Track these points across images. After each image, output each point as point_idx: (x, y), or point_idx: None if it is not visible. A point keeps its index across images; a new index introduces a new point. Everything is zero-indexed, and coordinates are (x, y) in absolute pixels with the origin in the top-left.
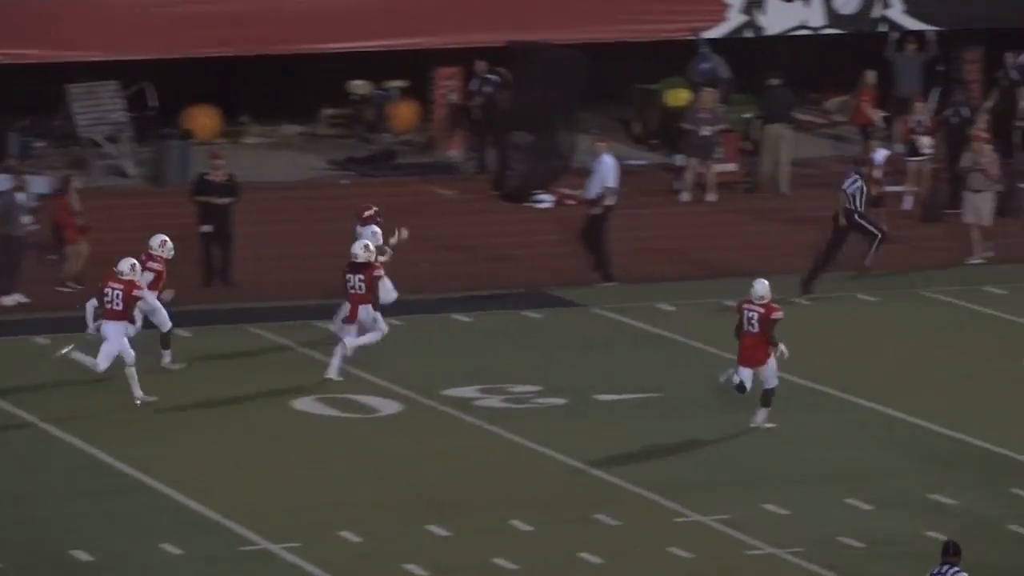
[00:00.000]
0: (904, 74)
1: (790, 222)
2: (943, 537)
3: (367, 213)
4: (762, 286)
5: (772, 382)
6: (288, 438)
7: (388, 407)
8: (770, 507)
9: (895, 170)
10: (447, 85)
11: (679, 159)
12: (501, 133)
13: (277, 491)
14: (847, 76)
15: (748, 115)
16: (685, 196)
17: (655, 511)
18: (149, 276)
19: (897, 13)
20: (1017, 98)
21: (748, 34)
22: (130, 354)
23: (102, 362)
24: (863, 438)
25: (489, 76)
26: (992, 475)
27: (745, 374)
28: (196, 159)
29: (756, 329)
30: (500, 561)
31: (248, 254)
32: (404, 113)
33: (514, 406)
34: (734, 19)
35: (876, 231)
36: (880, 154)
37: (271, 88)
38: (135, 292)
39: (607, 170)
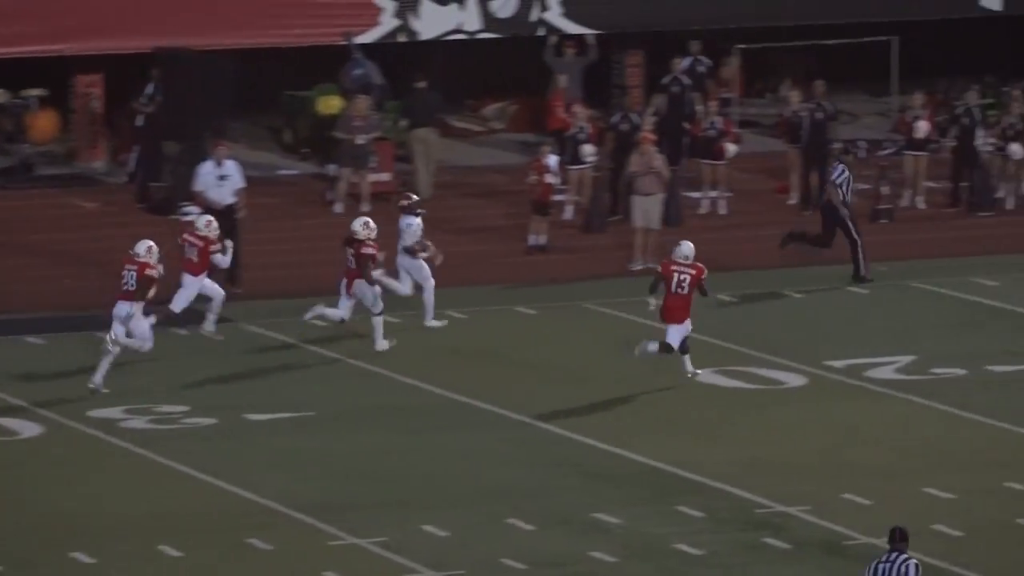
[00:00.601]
0: (563, 79)
1: (450, 232)
2: (608, 558)
3: (406, 202)
4: (688, 247)
5: (685, 333)
6: None
7: (29, 429)
8: (430, 528)
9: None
10: (89, 93)
11: (332, 169)
12: (149, 143)
13: None
14: (506, 82)
15: (404, 123)
16: (339, 207)
17: (310, 534)
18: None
19: (555, 16)
20: (686, 104)
21: (402, 39)
22: (148, 341)
23: (146, 342)
24: (525, 456)
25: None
26: (656, 492)
27: (672, 333)
28: None
29: (686, 291)
30: None
31: None
32: (43, 123)
33: (162, 427)
34: (387, 23)
35: (855, 236)
36: (552, 160)
37: None
38: (147, 272)
39: (236, 174)
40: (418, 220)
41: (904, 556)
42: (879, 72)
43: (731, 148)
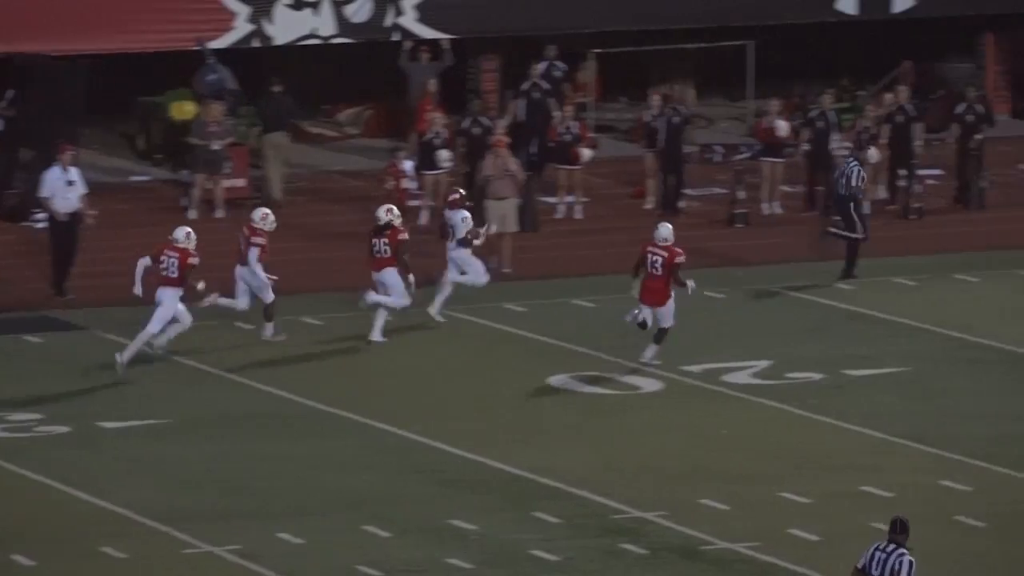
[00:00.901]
0: (418, 84)
1: (304, 238)
2: (465, 564)
3: (454, 197)
4: (666, 229)
5: (669, 321)
6: None
7: None
8: (285, 536)
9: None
10: None
11: (186, 175)
12: (7, 149)
13: None
14: (361, 87)
15: (257, 127)
16: (192, 213)
17: (164, 542)
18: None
19: (410, 21)
20: (547, 109)
21: (256, 44)
22: (187, 317)
23: (153, 326)
24: (381, 463)
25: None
26: (513, 499)
27: (647, 312)
28: None
29: (660, 272)
30: None
31: None
32: None
33: (14, 435)
34: (241, 28)
35: (857, 233)
36: (408, 164)
37: None
38: (190, 260)
39: (80, 180)
40: (468, 213)
41: (900, 551)
42: (735, 76)
43: (586, 152)
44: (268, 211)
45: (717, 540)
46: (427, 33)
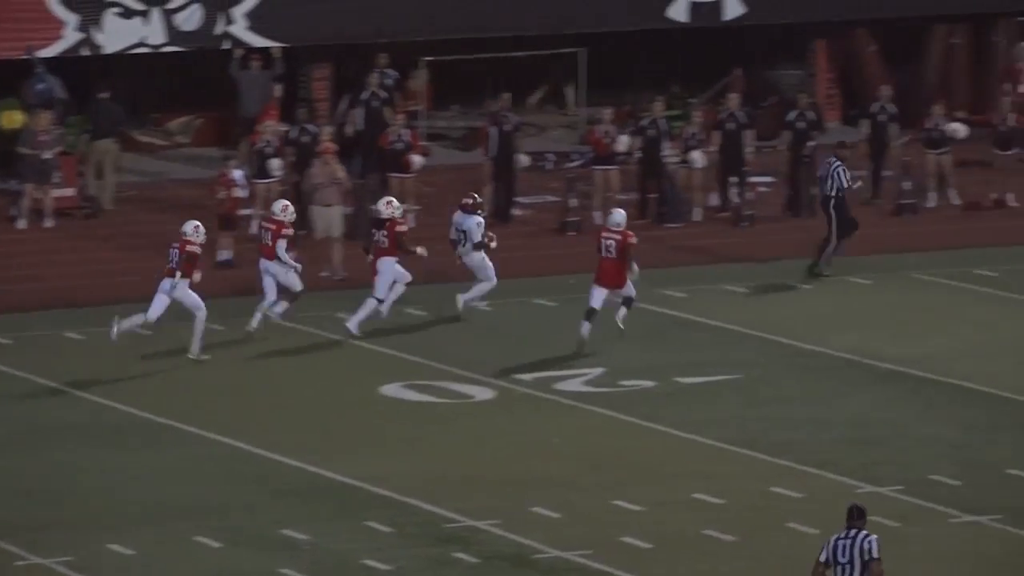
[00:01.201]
0: (248, 93)
1: (126, 249)
2: (296, 574)
3: (467, 202)
4: (619, 215)
5: (631, 292)
6: None
7: None
8: (116, 547)
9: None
10: None
11: (15, 184)
12: None
13: None
14: (191, 96)
15: (86, 135)
16: (22, 223)
17: None
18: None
19: (241, 30)
20: (383, 117)
21: (85, 52)
22: (201, 307)
23: (152, 313)
24: (212, 473)
25: None
26: (345, 508)
27: (597, 296)
28: None
29: (614, 255)
30: None
31: None
32: None
33: None
34: (70, 37)
35: (838, 233)
36: (238, 174)
37: None
38: (188, 248)
39: None
40: (481, 219)
41: (864, 533)
42: (566, 84)
43: (417, 160)
44: (287, 203)
45: (549, 548)
46: (258, 41)
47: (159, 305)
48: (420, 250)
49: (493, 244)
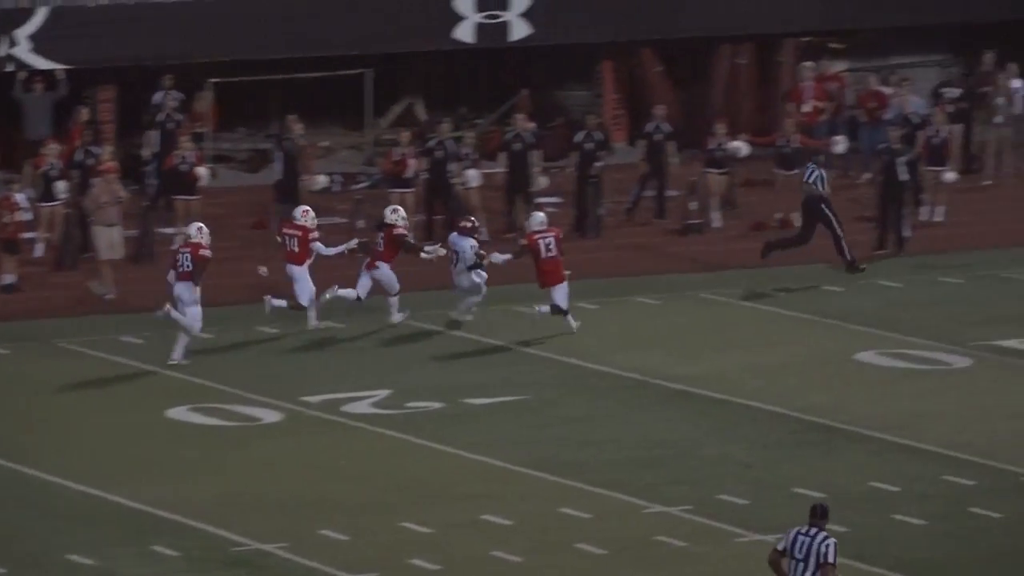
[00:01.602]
0: (33, 115)
1: None
2: None
3: (464, 224)
4: (540, 215)
5: (565, 302)
6: None
7: None
8: None
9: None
10: None
11: None
12: None
13: None
14: None
15: None
16: None
17: None
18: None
19: (24, 52)
20: (171, 139)
21: None
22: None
23: (195, 324)
24: None
25: None
26: (132, 533)
27: (557, 293)
28: None
29: (554, 253)
30: None
31: None
32: None
33: None
34: None
35: (838, 228)
36: (21, 196)
37: None
38: (200, 252)
39: None
40: (475, 242)
41: (824, 534)
42: (354, 105)
43: (202, 172)
44: (307, 207)
45: (338, 571)
46: (41, 63)
47: (196, 314)
48: (438, 249)
49: (486, 262)
